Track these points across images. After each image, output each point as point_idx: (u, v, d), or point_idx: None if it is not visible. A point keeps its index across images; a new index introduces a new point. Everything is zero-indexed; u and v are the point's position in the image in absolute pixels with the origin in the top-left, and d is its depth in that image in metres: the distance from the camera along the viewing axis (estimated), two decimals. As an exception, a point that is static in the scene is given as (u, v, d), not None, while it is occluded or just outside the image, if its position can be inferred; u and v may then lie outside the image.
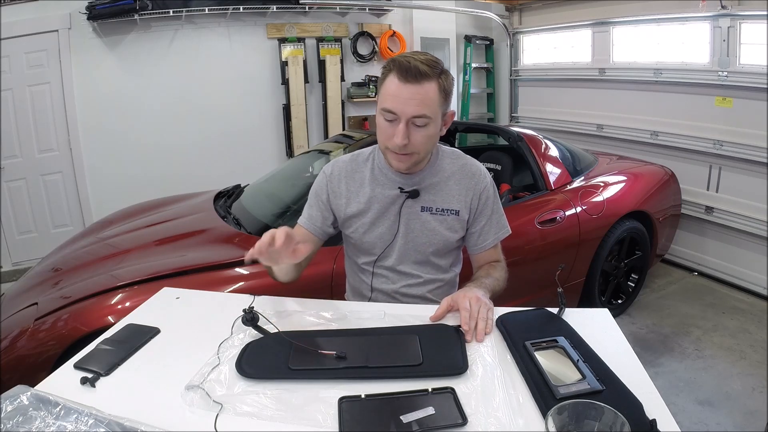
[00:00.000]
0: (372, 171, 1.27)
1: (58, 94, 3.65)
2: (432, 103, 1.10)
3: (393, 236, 1.26)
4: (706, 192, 3.33)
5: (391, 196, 1.24)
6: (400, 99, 1.08)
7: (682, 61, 3.39)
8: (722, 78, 3.09)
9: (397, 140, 1.10)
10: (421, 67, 1.07)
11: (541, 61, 4.72)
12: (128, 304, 1.64)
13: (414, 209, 1.25)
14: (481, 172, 1.29)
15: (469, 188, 1.26)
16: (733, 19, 3.01)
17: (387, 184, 1.25)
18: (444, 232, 1.26)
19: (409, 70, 1.07)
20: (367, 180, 1.26)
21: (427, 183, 1.25)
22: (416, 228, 1.26)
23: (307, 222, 1.30)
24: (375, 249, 1.28)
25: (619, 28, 3.82)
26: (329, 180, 1.29)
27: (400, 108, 1.09)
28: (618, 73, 3.84)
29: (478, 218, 1.29)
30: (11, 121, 3.57)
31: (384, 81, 1.12)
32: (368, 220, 1.26)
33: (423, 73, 1.07)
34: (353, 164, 1.29)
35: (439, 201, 1.25)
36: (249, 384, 0.86)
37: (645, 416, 0.74)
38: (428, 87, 1.08)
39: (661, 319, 2.83)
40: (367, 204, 1.26)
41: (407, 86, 1.07)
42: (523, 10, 4.80)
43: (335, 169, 1.30)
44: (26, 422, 0.72)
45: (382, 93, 1.13)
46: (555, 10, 4.43)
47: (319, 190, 1.30)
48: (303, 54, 4.25)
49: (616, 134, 3.86)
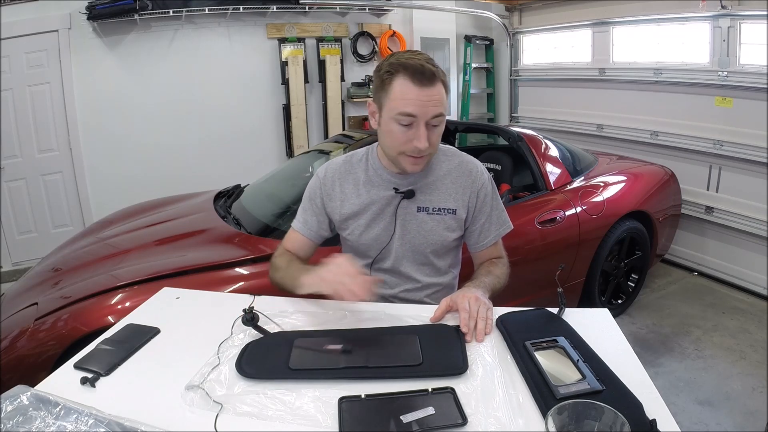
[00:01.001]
0: (366, 172, 1.26)
1: (58, 94, 3.65)
2: (444, 101, 1.12)
3: (389, 237, 1.25)
4: (706, 192, 3.33)
5: (386, 197, 1.24)
6: (421, 101, 1.07)
7: (682, 61, 3.38)
8: (722, 78, 3.09)
9: (422, 143, 1.10)
10: (431, 68, 1.08)
11: (541, 61, 4.71)
12: (128, 304, 1.64)
13: (410, 210, 1.24)
14: (477, 170, 1.28)
15: (465, 186, 1.25)
16: (733, 19, 3.01)
17: (382, 185, 1.24)
18: (441, 231, 1.25)
19: (424, 72, 1.07)
20: (362, 181, 1.26)
21: (422, 183, 1.24)
22: (413, 228, 1.25)
23: (303, 227, 1.30)
24: (371, 251, 1.28)
25: (619, 28, 3.82)
26: (323, 183, 1.28)
27: (421, 111, 1.08)
28: (618, 73, 3.83)
29: (477, 216, 1.28)
30: (11, 121, 3.57)
31: (391, 85, 1.09)
32: (364, 222, 1.26)
33: (434, 74, 1.08)
34: (347, 166, 1.29)
35: (435, 200, 1.25)
36: (249, 384, 0.86)
37: (645, 416, 0.74)
38: (439, 87, 1.10)
39: (661, 319, 2.83)
40: (362, 206, 1.25)
41: (425, 88, 1.07)
42: (523, 10, 4.80)
43: (328, 171, 1.29)
44: (26, 422, 0.72)
45: (392, 97, 1.09)
46: (555, 10, 4.43)
47: (313, 194, 1.29)
48: (303, 54, 4.25)
49: (616, 134, 3.86)
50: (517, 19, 4.87)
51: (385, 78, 1.11)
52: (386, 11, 4.49)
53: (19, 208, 3.72)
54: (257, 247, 1.99)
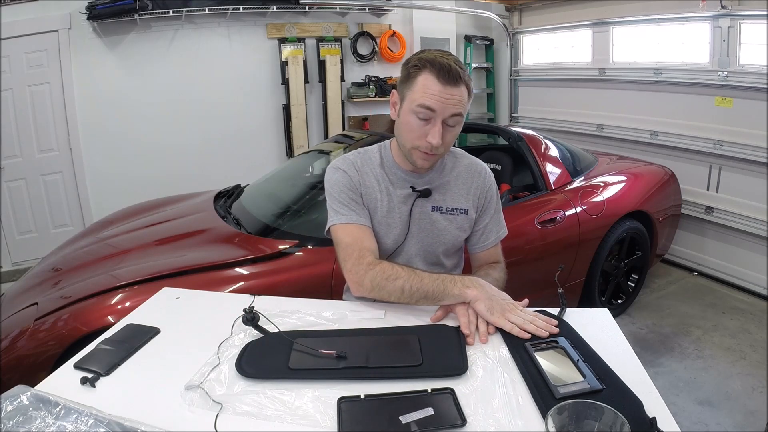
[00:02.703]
0: (382, 167, 1.26)
1: (58, 94, 3.65)
2: (465, 103, 1.12)
3: (404, 236, 1.25)
4: (706, 192, 3.33)
5: (403, 195, 1.24)
6: (442, 98, 1.08)
7: (682, 61, 3.38)
8: (722, 78, 3.09)
9: (434, 140, 1.10)
10: (458, 69, 1.09)
11: (541, 61, 4.71)
12: (128, 304, 1.64)
13: (425, 209, 1.25)
14: (486, 171, 1.30)
15: (476, 187, 1.27)
16: (733, 19, 3.01)
17: (398, 183, 1.24)
18: (454, 231, 1.26)
19: (450, 71, 1.07)
20: (380, 178, 1.25)
21: (437, 182, 1.25)
22: (427, 227, 1.25)
23: (359, 218, 1.20)
24: (385, 248, 1.25)
25: (619, 28, 3.82)
26: (350, 176, 1.22)
27: (441, 107, 1.08)
28: (618, 73, 3.83)
29: (482, 216, 1.30)
30: (11, 121, 3.57)
31: (416, 79, 1.10)
32: (381, 219, 1.25)
33: (460, 76, 1.09)
34: (365, 161, 1.26)
35: (449, 200, 1.25)
36: (249, 384, 0.86)
37: (645, 416, 0.74)
38: (462, 89, 1.10)
39: (661, 319, 2.83)
40: (380, 202, 1.24)
41: (448, 87, 1.08)
42: (523, 10, 4.80)
43: (349, 164, 1.24)
44: (26, 422, 0.72)
45: (415, 89, 1.10)
46: (555, 10, 4.43)
47: (346, 186, 1.21)
48: (303, 54, 4.25)
49: (616, 134, 3.86)
50: (517, 19, 4.87)
51: (411, 71, 1.12)
52: (386, 11, 4.50)
53: (19, 208, 3.72)
54: (257, 247, 1.99)
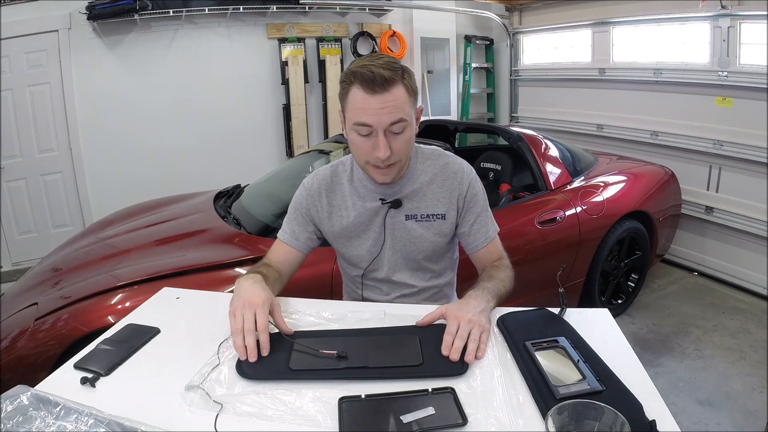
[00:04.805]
0: (352, 183, 1.24)
1: (58, 94, 3.65)
2: (404, 105, 1.06)
3: (380, 248, 1.24)
4: (706, 192, 3.33)
5: (373, 208, 1.22)
6: (372, 110, 1.03)
7: (682, 61, 3.39)
8: (722, 78, 3.09)
9: (381, 153, 1.06)
10: (385, 73, 1.02)
11: (541, 61, 4.72)
12: (128, 304, 1.64)
13: (398, 219, 1.22)
14: (463, 170, 1.24)
15: (453, 189, 1.22)
16: (733, 19, 3.01)
17: (368, 197, 1.22)
18: (432, 237, 1.23)
19: (373, 80, 1.02)
20: (348, 194, 1.24)
21: (408, 190, 1.22)
22: (403, 237, 1.23)
23: (290, 238, 1.26)
24: (362, 262, 1.26)
25: (619, 28, 3.82)
26: (309, 195, 1.26)
27: (374, 120, 1.04)
28: (618, 73, 3.83)
29: (466, 217, 1.24)
30: (11, 121, 3.57)
31: (347, 95, 1.07)
32: (353, 235, 1.24)
33: (388, 79, 1.02)
34: (333, 177, 1.26)
35: (423, 207, 1.22)
36: (249, 384, 0.86)
37: (645, 416, 0.74)
38: (396, 92, 1.04)
39: (661, 319, 2.83)
40: (350, 218, 1.23)
41: (377, 96, 1.03)
42: (523, 10, 4.80)
43: (314, 183, 1.26)
44: (26, 422, 0.72)
45: (349, 108, 1.07)
46: (555, 10, 4.43)
47: (299, 204, 1.27)
48: (303, 54, 4.25)
49: (616, 134, 3.86)
50: (517, 19, 4.87)
51: (342, 87, 1.08)
52: (386, 11, 4.50)
53: (19, 208, 3.72)
54: (257, 247, 1.99)
